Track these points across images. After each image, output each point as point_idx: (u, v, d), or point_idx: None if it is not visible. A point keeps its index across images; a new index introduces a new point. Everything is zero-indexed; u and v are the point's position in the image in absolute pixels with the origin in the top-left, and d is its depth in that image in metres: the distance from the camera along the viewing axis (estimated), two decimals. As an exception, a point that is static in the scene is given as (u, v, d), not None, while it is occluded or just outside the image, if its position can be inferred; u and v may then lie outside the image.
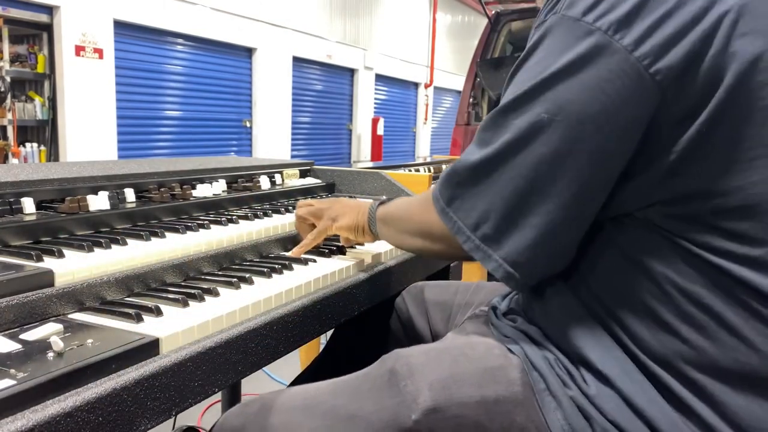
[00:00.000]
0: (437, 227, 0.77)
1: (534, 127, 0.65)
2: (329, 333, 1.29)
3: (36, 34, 5.91)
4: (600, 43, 0.62)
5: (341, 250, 1.11)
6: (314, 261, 1.04)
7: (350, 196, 1.58)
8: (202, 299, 0.78)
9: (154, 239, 0.95)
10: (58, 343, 0.59)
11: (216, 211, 1.23)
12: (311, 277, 0.92)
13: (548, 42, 0.67)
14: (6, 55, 5.56)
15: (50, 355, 0.58)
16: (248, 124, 8.79)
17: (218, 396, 1.79)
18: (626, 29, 0.61)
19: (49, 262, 0.77)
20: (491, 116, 0.71)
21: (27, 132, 6.05)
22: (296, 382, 1.27)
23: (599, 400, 0.66)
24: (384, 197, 1.00)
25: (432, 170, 2.37)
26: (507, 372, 0.71)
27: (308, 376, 1.26)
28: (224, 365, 0.71)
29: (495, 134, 0.69)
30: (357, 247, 1.15)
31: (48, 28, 5.88)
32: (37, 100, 5.91)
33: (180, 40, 7.49)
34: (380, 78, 12.11)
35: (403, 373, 0.72)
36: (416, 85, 13.69)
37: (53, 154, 6.04)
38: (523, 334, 0.77)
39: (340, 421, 0.73)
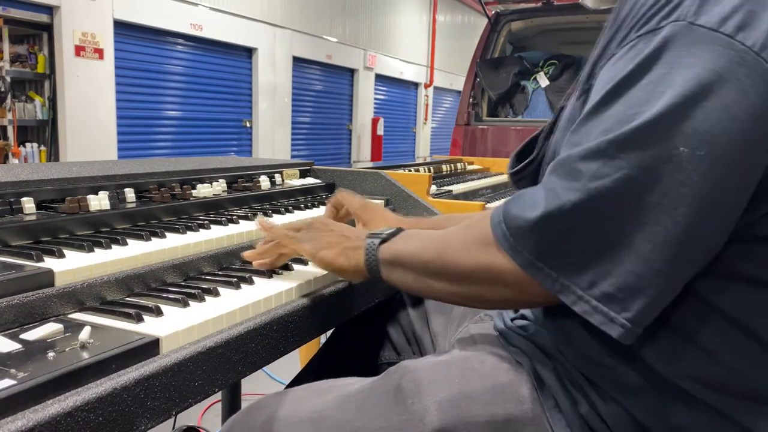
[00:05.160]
0: (506, 272, 0.62)
1: (666, 164, 0.53)
2: (329, 333, 1.29)
3: (36, 34, 5.92)
4: (746, 60, 0.53)
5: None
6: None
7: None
8: (202, 299, 0.78)
9: (154, 239, 0.94)
10: (58, 343, 0.59)
11: (216, 211, 1.23)
12: (311, 277, 0.92)
13: (671, 55, 0.55)
14: (6, 55, 5.56)
15: (50, 355, 0.58)
16: (248, 124, 8.79)
17: (218, 396, 1.79)
18: None
19: (49, 262, 0.77)
20: (596, 146, 0.57)
21: (27, 132, 6.05)
22: (295, 382, 1.27)
23: (610, 418, 0.64)
24: (383, 232, 0.82)
25: (432, 170, 2.36)
26: (517, 389, 0.69)
27: (307, 376, 1.26)
28: (224, 365, 0.70)
29: (605, 167, 0.56)
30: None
31: (48, 28, 5.89)
32: (37, 100, 5.91)
33: (180, 40, 7.49)
34: (380, 78, 12.11)
35: (409, 389, 0.69)
36: (416, 85, 13.69)
37: (53, 154, 6.05)
38: (532, 344, 0.75)
39: None
